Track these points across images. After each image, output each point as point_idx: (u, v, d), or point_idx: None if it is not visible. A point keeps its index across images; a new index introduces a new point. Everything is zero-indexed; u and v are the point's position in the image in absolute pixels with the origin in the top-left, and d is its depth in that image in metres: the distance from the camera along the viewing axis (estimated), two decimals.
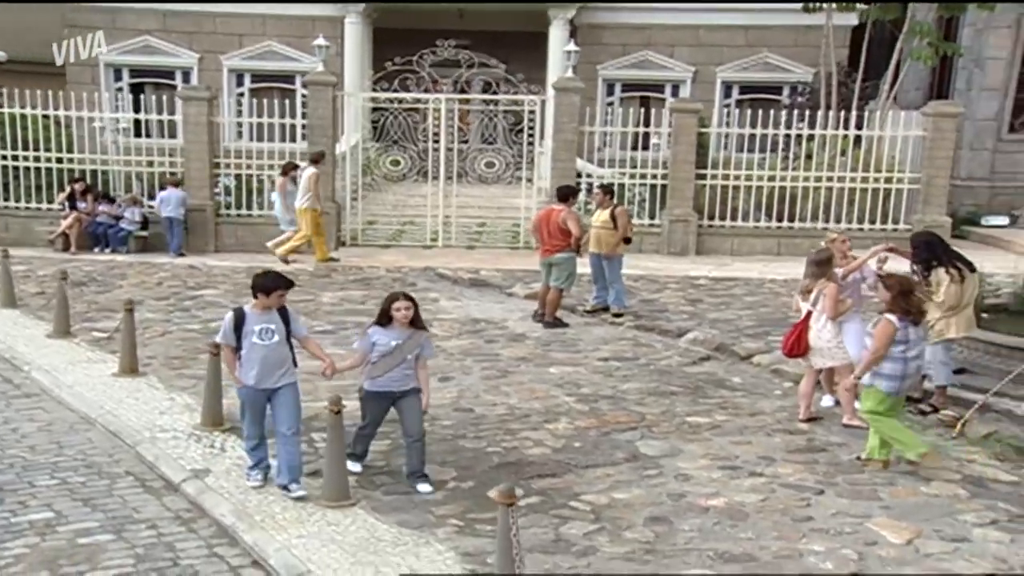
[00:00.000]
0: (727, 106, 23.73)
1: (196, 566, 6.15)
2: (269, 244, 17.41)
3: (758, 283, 15.90)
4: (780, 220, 18.91)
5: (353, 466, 7.41)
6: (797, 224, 18.83)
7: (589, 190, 17.06)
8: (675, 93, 25.32)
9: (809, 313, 9.13)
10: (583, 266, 13.26)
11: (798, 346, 9.18)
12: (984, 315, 10.62)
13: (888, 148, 18.95)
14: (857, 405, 9.21)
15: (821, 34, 21.86)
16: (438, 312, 13.40)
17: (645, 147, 19.65)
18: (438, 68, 19.95)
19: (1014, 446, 8.37)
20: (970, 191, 21.45)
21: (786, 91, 24.94)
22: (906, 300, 7.85)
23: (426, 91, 19.65)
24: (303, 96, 23.67)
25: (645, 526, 6.78)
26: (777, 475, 7.80)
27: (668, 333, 12.36)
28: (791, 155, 19.12)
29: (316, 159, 17.55)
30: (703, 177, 18.95)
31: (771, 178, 18.80)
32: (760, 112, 18.88)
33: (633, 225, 13.79)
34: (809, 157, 19.00)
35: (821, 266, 9.15)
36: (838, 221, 18.44)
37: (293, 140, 19.92)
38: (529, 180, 19.99)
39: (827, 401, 9.63)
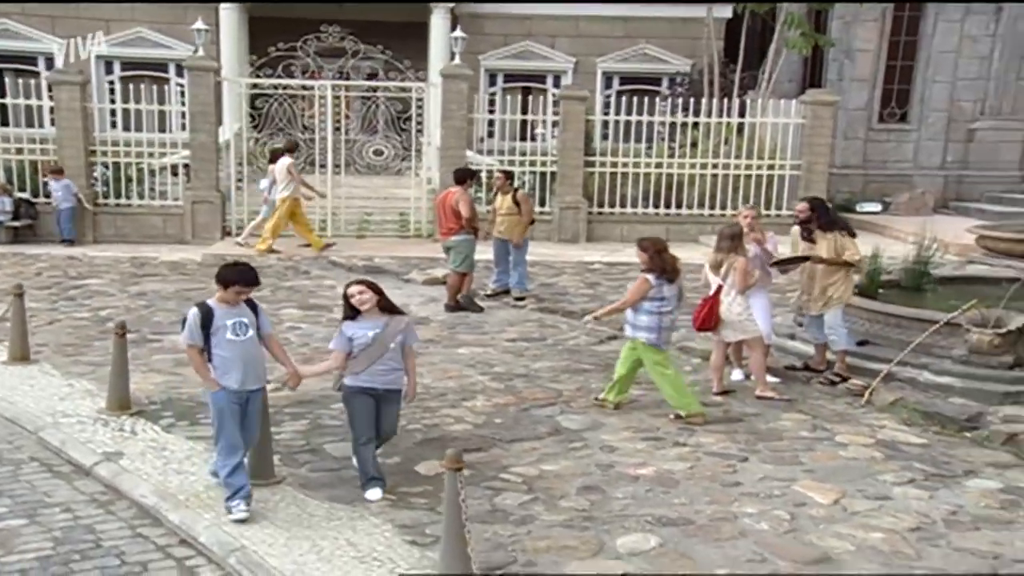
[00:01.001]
0: (608, 97, 24.01)
1: (121, 546, 5.85)
2: (239, 240, 17.33)
3: None
4: (668, 207, 19.16)
5: (372, 495, 6.52)
6: (685, 211, 19.13)
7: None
8: (557, 84, 25.39)
9: (720, 287, 9.23)
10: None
11: (708, 320, 9.26)
12: (879, 291, 10.97)
13: (769, 135, 19.40)
14: (769, 379, 9.44)
15: (697, 26, 22.29)
16: (336, 298, 13.10)
17: (531, 138, 19.70)
18: (322, 56, 19.58)
19: (920, 411, 8.62)
20: (845, 178, 22.14)
21: (665, 82, 25.31)
22: (660, 259, 8.47)
23: (311, 77, 19.26)
24: (178, 84, 23.01)
25: (579, 495, 6.75)
26: (700, 444, 7.86)
27: (572, 314, 12.37)
28: (677, 143, 19.39)
29: (290, 148, 17.51)
30: (591, 165, 19.09)
31: (658, 165, 19.05)
32: (644, 101, 19.10)
33: (529, 215, 13.74)
34: (694, 145, 19.31)
35: (732, 240, 9.25)
36: (723, 207, 18.85)
37: (169, 130, 19.25)
38: (418, 171, 19.81)
39: (737, 375, 9.76)
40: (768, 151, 19.19)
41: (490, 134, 21.17)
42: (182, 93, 22.12)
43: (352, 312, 6.58)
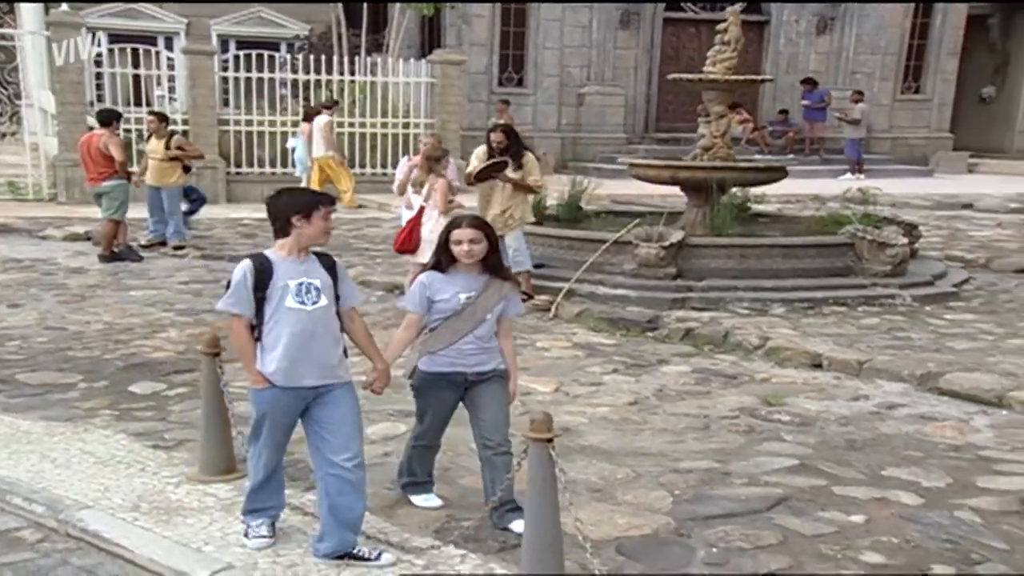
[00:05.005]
0: (225, 61, 23.16)
1: None
2: None
3: None
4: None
5: (426, 499, 4.93)
6: None
7: None
8: (169, 46, 24.27)
9: (422, 209, 9.29)
10: None
11: (409, 241, 9.29)
12: (542, 223, 11.53)
13: (402, 95, 19.67)
14: None
15: None
16: None
17: (147, 101, 18.58)
18: None
19: (605, 319, 9.18)
20: (472, 140, 22.79)
21: (284, 47, 24.88)
22: None
23: None
24: None
25: None
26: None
27: (239, 259, 11.89)
28: (312, 102, 19.13)
29: (329, 106, 17.29)
30: (225, 124, 18.44)
31: (295, 124, 18.72)
32: (267, 61, 18.70)
33: (196, 153, 13.11)
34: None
35: (433, 161, 9.32)
36: (363, 166, 18.92)
37: None
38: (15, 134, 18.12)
39: None
40: (402, 110, 19.47)
41: (99, 98, 19.78)
42: None
43: (444, 260, 4.63)
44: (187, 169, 12.82)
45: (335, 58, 19.24)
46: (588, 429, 6.22)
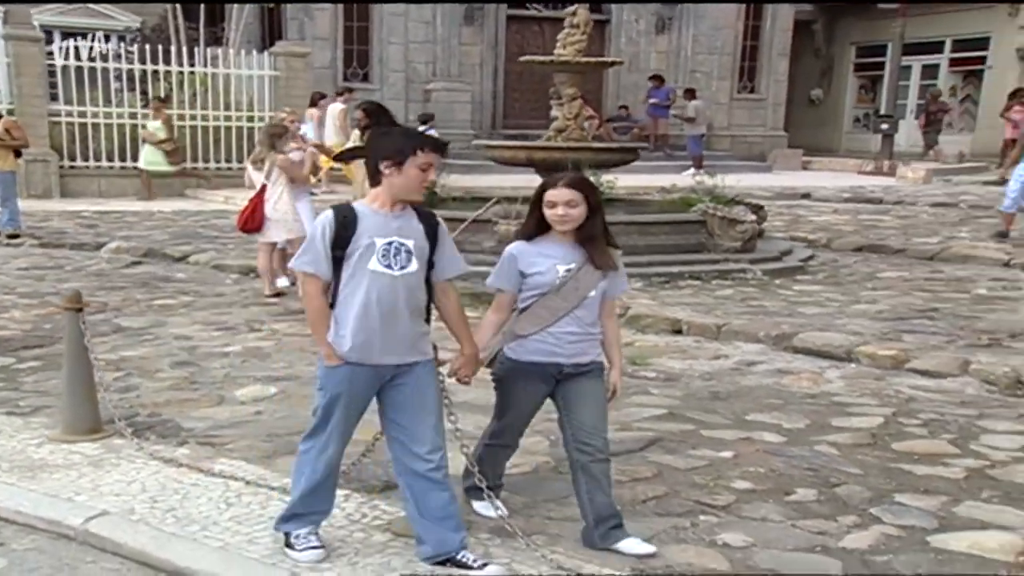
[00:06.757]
0: (50, 53, 22.09)
1: None
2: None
3: (147, 214, 15.25)
4: None
5: (486, 508, 4.07)
6: None
7: None
8: None
9: (264, 186, 9.10)
10: None
11: (253, 220, 9.06)
12: None
13: (245, 89, 19.23)
14: None
15: None
16: None
17: None
18: None
19: (469, 294, 9.13)
20: None
21: (114, 39, 24.00)
22: None
23: None
24: None
25: (174, 369, 6.52)
26: (276, 330, 7.80)
27: (83, 247, 11.56)
28: (150, 95, 18.50)
29: (342, 93, 17.79)
30: (57, 115, 17.66)
31: (132, 116, 18.07)
32: (96, 55, 18.05)
33: (22, 140, 12.51)
34: (169, 96, 18.59)
35: (271, 137, 9.17)
36: (207, 161, 18.44)
37: None
38: None
39: (283, 281, 9.60)
40: (245, 104, 19.03)
41: None
42: None
43: (536, 227, 3.91)
44: (18, 154, 12.28)
45: (173, 49, 18.63)
46: (459, 387, 6.17)
